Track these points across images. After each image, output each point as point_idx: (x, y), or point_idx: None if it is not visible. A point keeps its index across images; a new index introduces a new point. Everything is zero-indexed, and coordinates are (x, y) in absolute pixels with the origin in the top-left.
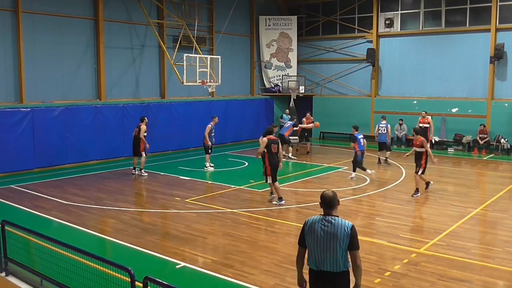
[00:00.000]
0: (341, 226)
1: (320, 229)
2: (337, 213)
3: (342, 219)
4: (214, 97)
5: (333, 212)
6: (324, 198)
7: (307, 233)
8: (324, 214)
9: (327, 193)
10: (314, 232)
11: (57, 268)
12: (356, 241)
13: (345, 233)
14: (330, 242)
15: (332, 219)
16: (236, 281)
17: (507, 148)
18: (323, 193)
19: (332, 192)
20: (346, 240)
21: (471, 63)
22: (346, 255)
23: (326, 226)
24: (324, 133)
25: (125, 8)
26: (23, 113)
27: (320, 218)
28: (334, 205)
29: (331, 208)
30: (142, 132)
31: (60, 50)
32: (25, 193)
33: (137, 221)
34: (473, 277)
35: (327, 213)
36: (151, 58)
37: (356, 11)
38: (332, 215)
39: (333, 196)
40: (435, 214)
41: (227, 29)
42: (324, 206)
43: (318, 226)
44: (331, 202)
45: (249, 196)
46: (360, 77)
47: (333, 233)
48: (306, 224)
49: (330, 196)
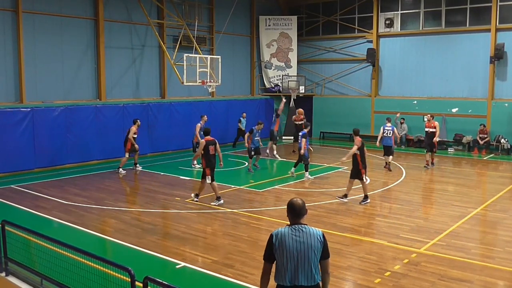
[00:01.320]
0: (314, 235)
1: (293, 241)
2: (337, 212)
3: (310, 227)
4: (214, 97)
5: (301, 221)
6: (293, 207)
7: (277, 248)
8: (292, 224)
9: (296, 201)
10: (285, 245)
11: (57, 268)
12: (328, 249)
13: (318, 242)
14: (305, 253)
15: (302, 227)
16: (236, 281)
17: (507, 148)
18: (292, 201)
19: (301, 200)
20: (320, 249)
21: (471, 63)
22: (318, 266)
23: (298, 236)
24: (324, 133)
25: (125, 8)
26: (24, 113)
27: (288, 229)
28: (303, 213)
29: (299, 217)
30: (131, 133)
31: (61, 50)
32: (25, 193)
33: (138, 221)
34: (474, 277)
35: (295, 223)
36: (151, 58)
37: (356, 11)
38: (301, 224)
39: (303, 204)
40: (436, 214)
41: (227, 29)
42: (293, 215)
43: (289, 238)
44: (301, 210)
45: (249, 196)
46: (360, 77)
47: (307, 243)
48: (273, 238)
49: (299, 204)
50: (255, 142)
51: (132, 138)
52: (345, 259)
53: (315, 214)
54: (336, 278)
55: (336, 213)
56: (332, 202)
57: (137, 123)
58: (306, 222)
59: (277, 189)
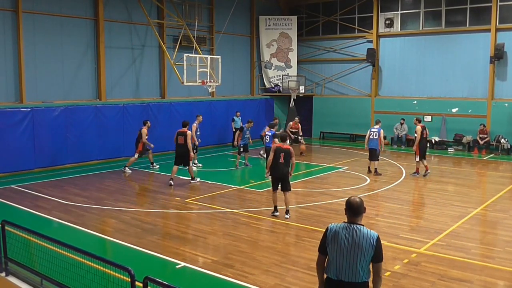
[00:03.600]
0: (366, 237)
1: (344, 238)
2: (338, 212)
3: (367, 228)
4: (214, 97)
5: (358, 220)
6: (351, 205)
7: (329, 242)
8: (349, 222)
9: (354, 200)
10: (337, 241)
11: (57, 268)
12: (381, 253)
13: (370, 244)
14: (354, 253)
15: (357, 228)
16: (236, 281)
17: (507, 148)
18: (350, 199)
19: (359, 199)
20: (370, 252)
21: (471, 63)
22: (368, 266)
23: (350, 236)
24: (324, 133)
25: (125, 8)
26: (24, 113)
27: (344, 226)
28: (360, 212)
29: (356, 216)
30: (144, 136)
31: (61, 50)
32: (25, 193)
33: (138, 221)
34: (474, 277)
35: (352, 221)
36: (151, 58)
37: (356, 11)
38: (357, 224)
39: (361, 203)
40: (436, 214)
41: (227, 29)
42: (350, 213)
43: (342, 235)
44: (358, 209)
45: (249, 196)
46: (360, 77)
47: (357, 244)
48: (328, 231)
49: (357, 202)
50: (245, 139)
51: (146, 140)
52: None
53: (315, 214)
54: None
55: (336, 213)
56: (332, 202)
57: (148, 124)
58: (306, 221)
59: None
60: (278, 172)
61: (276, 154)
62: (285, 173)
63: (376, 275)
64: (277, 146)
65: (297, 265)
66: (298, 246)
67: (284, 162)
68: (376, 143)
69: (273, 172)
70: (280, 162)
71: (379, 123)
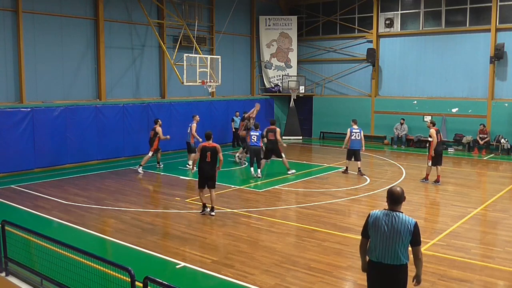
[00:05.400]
0: (405, 223)
1: (384, 224)
2: (337, 212)
3: (405, 215)
4: (214, 97)
5: (398, 208)
6: (392, 194)
7: (370, 227)
8: (389, 209)
9: (395, 189)
10: (377, 227)
11: (57, 268)
12: (419, 237)
13: (408, 229)
14: (393, 237)
15: (396, 215)
16: (236, 281)
17: (507, 148)
18: (392, 188)
19: (400, 188)
20: (408, 237)
21: (471, 63)
22: (407, 249)
23: (390, 222)
24: (324, 133)
25: (125, 8)
26: (24, 113)
27: (384, 213)
28: (400, 201)
29: (397, 204)
30: (160, 134)
31: (61, 50)
32: (25, 193)
33: (138, 221)
34: (474, 277)
35: (392, 209)
36: (151, 58)
37: (356, 11)
38: (396, 211)
39: (401, 193)
40: (435, 214)
41: (227, 29)
42: (391, 202)
43: (382, 221)
44: (399, 198)
45: (249, 196)
46: (360, 77)
47: (396, 229)
48: (370, 217)
49: (398, 192)
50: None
51: (163, 137)
52: (345, 259)
53: (315, 214)
54: (336, 278)
55: (336, 213)
56: (332, 202)
57: (159, 122)
58: (306, 221)
59: (277, 189)
60: (205, 171)
61: (202, 154)
62: (212, 172)
63: (416, 257)
64: (203, 146)
65: (297, 265)
66: (298, 246)
67: (210, 161)
68: (359, 144)
69: (200, 171)
70: (207, 161)
71: (357, 122)
